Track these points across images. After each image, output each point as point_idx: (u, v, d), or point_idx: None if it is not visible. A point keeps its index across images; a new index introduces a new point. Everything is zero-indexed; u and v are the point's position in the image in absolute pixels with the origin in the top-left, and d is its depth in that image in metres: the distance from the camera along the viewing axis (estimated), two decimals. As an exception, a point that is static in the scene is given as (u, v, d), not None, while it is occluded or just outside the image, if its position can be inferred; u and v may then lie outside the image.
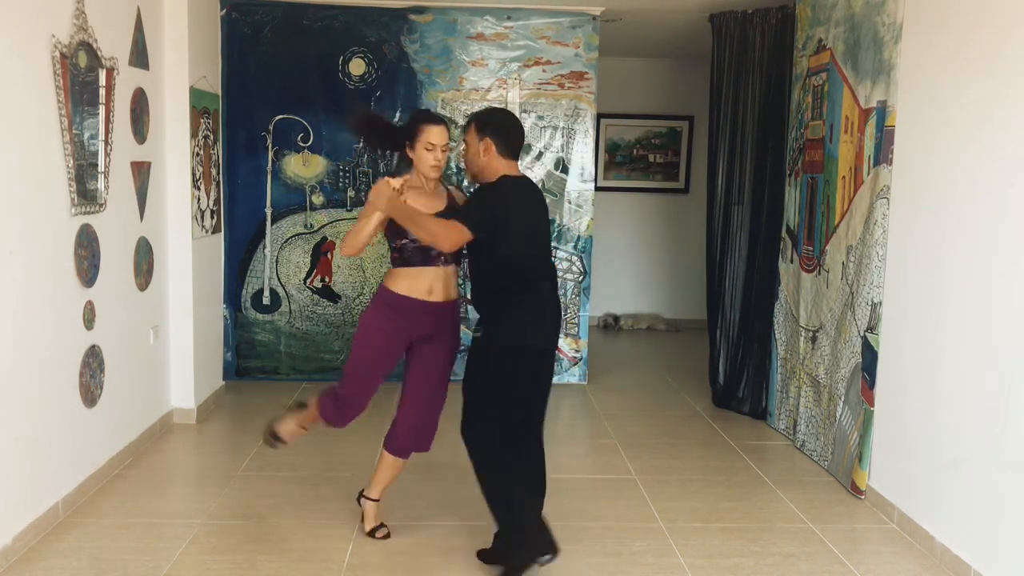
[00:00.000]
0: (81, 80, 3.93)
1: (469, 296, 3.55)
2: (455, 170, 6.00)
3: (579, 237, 6.31)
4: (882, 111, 4.15)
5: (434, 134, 3.44)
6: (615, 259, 8.73)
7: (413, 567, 3.50)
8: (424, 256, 3.47)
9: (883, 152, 4.12)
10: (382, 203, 3.30)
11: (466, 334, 4.89)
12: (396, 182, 3.30)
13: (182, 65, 5.05)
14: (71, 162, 3.81)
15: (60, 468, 3.84)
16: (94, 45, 4.02)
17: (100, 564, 3.42)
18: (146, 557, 3.48)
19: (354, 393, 3.63)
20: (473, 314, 4.70)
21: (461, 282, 3.75)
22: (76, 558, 3.47)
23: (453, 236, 3.22)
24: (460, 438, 3.46)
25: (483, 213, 3.30)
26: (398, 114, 6.10)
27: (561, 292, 6.31)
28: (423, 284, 3.49)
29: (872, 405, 4.20)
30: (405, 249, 3.49)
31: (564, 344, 6.39)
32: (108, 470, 4.30)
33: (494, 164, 3.36)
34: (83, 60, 3.94)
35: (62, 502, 3.82)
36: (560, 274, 6.28)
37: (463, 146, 3.48)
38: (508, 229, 3.28)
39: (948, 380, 3.62)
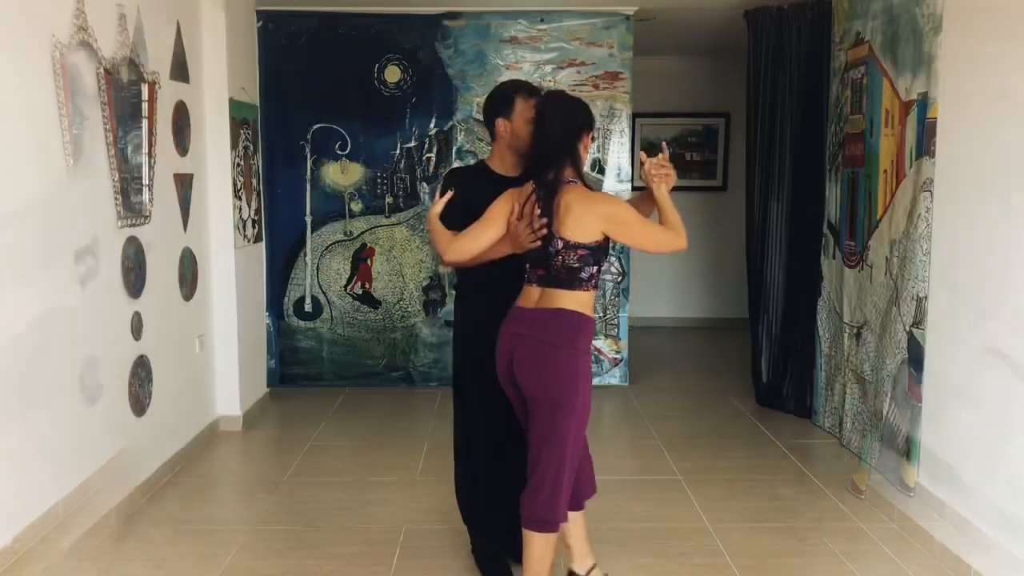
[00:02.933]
0: (124, 95, 4.00)
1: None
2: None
3: (617, 238, 6.29)
4: (923, 103, 4.09)
5: None
6: (653, 259, 8.68)
7: (461, 569, 3.51)
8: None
9: (925, 145, 4.07)
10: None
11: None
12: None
13: (221, 77, 5.12)
14: (116, 175, 3.88)
15: (112, 476, 3.91)
16: (136, 60, 4.09)
17: (158, 572, 3.47)
18: (197, 564, 3.54)
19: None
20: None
21: None
22: (133, 564, 3.53)
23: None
24: None
25: None
26: (433, 120, 6.14)
27: (599, 293, 6.30)
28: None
29: (920, 401, 4.14)
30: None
31: (604, 345, 6.38)
32: (158, 478, 4.37)
33: None
34: (126, 75, 4.02)
35: (114, 510, 3.89)
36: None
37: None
38: None
39: (998, 375, 3.56)
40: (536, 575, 2.97)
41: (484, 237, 3.03)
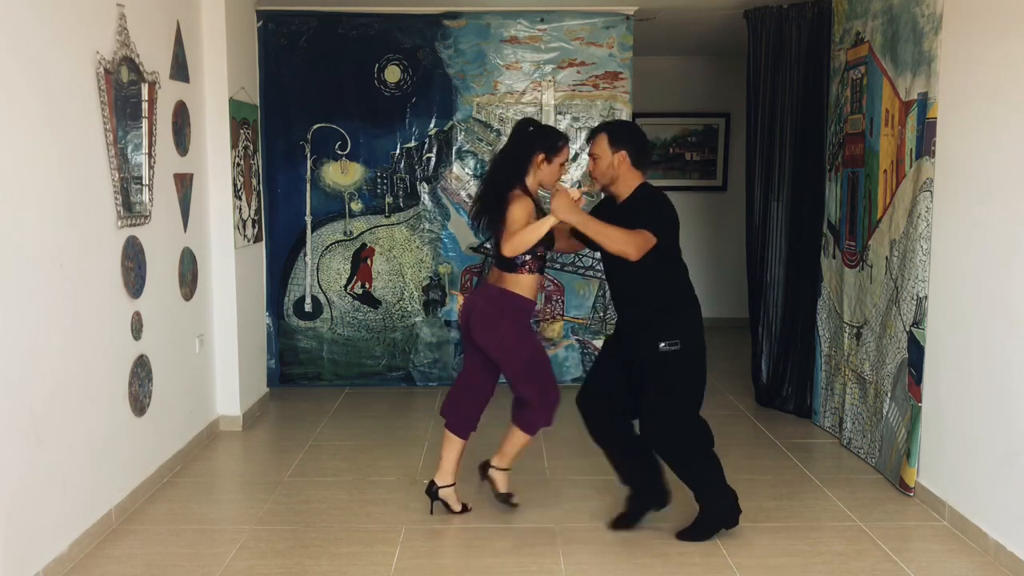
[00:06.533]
0: (124, 95, 4.00)
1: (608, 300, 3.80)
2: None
3: (617, 238, 6.29)
4: (923, 103, 4.10)
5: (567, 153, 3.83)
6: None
7: (461, 569, 3.51)
8: (542, 265, 3.81)
9: (925, 145, 4.07)
10: (564, 212, 3.50)
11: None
12: (575, 192, 3.54)
13: (221, 77, 5.12)
14: (116, 175, 3.88)
15: (112, 476, 3.91)
16: (136, 60, 4.09)
17: (153, 570, 3.48)
18: (197, 563, 3.54)
19: (551, 388, 3.87)
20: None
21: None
22: (130, 564, 3.53)
23: (640, 242, 3.45)
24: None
25: (662, 219, 3.56)
26: (433, 120, 6.14)
27: (600, 293, 6.31)
28: (537, 290, 3.84)
29: (919, 401, 4.15)
30: (541, 259, 3.78)
31: (604, 345, 6.37)
32: (158, 477, 4.37)
33: (629, 174, 3.63)
34: (126, 75, 4.02)
35: (115, 509, 3.89)
36: (599, 275, 6.27)
37: (594, 158, 3.68)
38: (677, 230, 3.66)
39: (998, 373, 3.57)
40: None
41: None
